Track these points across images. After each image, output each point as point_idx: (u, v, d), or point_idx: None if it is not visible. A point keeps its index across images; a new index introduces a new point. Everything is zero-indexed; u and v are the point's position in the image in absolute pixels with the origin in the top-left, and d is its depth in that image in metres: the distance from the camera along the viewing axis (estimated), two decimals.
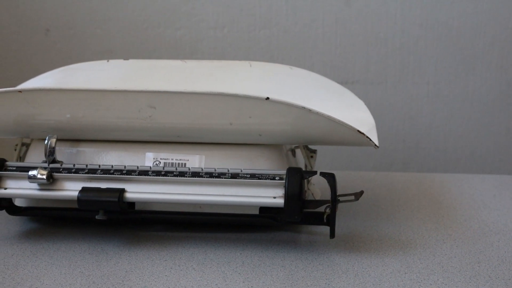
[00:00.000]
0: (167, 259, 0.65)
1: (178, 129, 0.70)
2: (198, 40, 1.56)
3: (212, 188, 0.67)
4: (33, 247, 0.68)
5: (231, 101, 0.65)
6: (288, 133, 0.69)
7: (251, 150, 0.72)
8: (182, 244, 0.69)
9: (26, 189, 0.68)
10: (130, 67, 0.89)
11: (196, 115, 0.68)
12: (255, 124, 0.68)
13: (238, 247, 0.68)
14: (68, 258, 0.65)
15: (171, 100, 0.66)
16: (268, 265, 0.64)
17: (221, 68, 0.89)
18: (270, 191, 0.66)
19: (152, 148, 0.73)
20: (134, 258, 0.65)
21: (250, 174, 0.67)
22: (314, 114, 0.65)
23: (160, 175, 0.67)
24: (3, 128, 0.73)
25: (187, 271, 0.62)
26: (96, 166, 0.69)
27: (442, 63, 1.53)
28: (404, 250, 0.67)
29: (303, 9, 1.52)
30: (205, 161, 0.72)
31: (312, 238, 0.71)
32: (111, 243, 0.69)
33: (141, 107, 0.67)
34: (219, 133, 0.70)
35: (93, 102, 0.67)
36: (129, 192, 0.67)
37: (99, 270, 0.63)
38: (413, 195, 0.85)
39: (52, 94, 0.67)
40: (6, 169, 0.69)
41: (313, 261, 0.65)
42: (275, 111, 0.66)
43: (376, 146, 0.68)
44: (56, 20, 1.58)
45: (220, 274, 0.62)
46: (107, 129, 0.71)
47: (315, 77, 0.89)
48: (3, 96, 0.67)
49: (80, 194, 0.66)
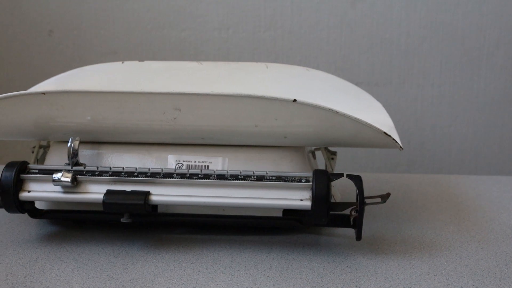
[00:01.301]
0: (193, 262, 0.65)
1: (202, 132, 0.70)
2: (203, 41, 1.56)
3: (237, 190, 0.66)
4: (56, 250, 0.67)
5: (258, 103, 0.65)
6: (313, 135, 0.69)
7: (274, 152, 0.72)
8: (207, 246, 0.69)
9: (50, 192, 0.67)
10: (147, 68, 0.88)
11: (222, 117, 0.67)
12: (281, 126, 0.68)
13: (263, 249, 0.68)
14: (94, 261, 0.65)
15: (197, 102, 0.66)
16: (295, 267, 0.64)
17: (238, 69, 0.89)
18: (297, 193, 0.66)
19: (174, 151, 0.72)
20: (160, 261, 0.65)
21: (275, 176, 0.67)
22: (341, 116, 0.65)
23: (185, 177, 0.67)
24: (22, 130, 0.72)
25: (216, 274, 0.62)
26: (120, 169, 0.68)
27: (447, 64, 1.54)
28: (430, 252, 0.67)
29: (308, 11, 1.52)
30: (228, 163, 0.71)
31: (335, 240, 0.71)
32: (134, 246, 0.69)
33: (166, 109, 0.67)
34: (243, 135, 0.70)
35: (118, 104, 0.67)
36: (154, 194, 0.66)
37: (127, 273, 0.62)
38: (431, 197, 0.85)
39: (76, 96, 0.66)
40: (28, 172, 0.68)
41: (341, 264, 0.65)
42: (301, 113, 0.66)
43: (401, 148, 0.68)
44: (59, 21, 1.57)
45: (249, 277, 0.62)
46: (130, 131, 0.70)
47: (332, 79, 0.89)
48: (26, 98, 0.67)
49: (105, 197, 0.65)
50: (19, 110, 0.68)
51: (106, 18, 1.55)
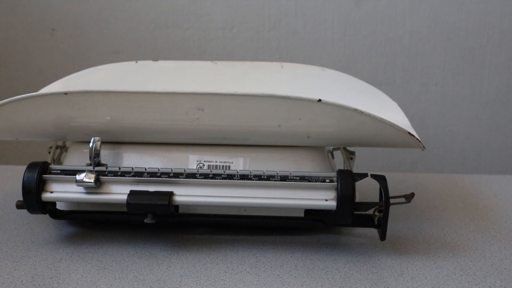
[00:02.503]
0: (218, 263, 0.65)
1: (225, 132, 0.69)
2: (207, 40, 1.56)
3: (261, 191, 0.66)
4: (79, 251, 0.67)
5: (282, 103, 0.65)
6: (336, 134, 0.69)
7: (296, 152, 0.72)
8: (230, 247, 0.68)
9: (73, 193, 0.66)
10: (161, 68, 0.88)
11: (245, 117, 0.67)
12: (304, 126, 0.67)
13: (286, 250, 0.68)
14: (118, 262, 0.64)
15: (221, 102, 0.66)
16: (321, 268, 0.64)
17: (253, 69, 0.89)
18: (321, 193, 0.66)
19: (195, 151, 0.72)
20: (185, 261, 0.65)
21: (299, 176, 0.67)
22: (366, 116, 0.65)
23: (208, 177, 0.67)
24: (42, 130, 0.71)
25: (242, 275, 0.62)
26: (142, 169, 0.68)
27: (450, 64, 1.54)
28: (453, 252, 0.67)
29: (312, 10, 1.52)
30: (249, 163, 0.71)
31: (356, 240, 0.71)
32: (157, 246, 0.68)
33: (189, 109, 0.66)
34: (266, 135, 0.69)
35: (141, 104, 0.66)
36: (178, 195, 0.66)
37: (153, 274, 0.62)
38: (447, 196, 0.85)
39: (99, 96, 0.66)
40: (50, 173, 0.67)
41: (366, 264, 0.64)
42: (326, 113, 0.66)
43: (423, 148, 0.68)
44: (62, 20, 1.56)
45: (276, 277, 0.61)
46: (151, 131, 0.70)
47: (347, 78, 0.89)
48: (47, 98, 0.66)
49: (129, 197, 0.65)
50: (39, 111, 0.68)
51: (109, 17, 1.55)
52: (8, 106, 0.67)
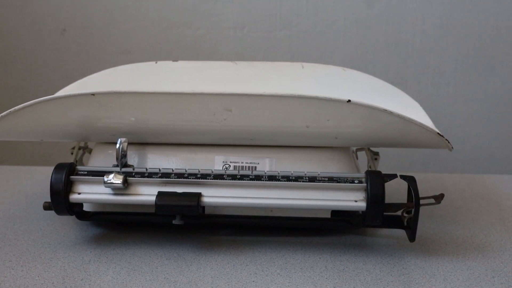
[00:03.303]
0: (248, 264, 0.64)
1: (252, 132, 0.69)
2: (218, 40, 1.55)
3: (289, 192, 0.66)
4: (107, 252, 0.67)
5: (312, 103, 0.64)
6: (363, 135, 0.69)
7: (322, 153, 0.72)
8: (257, 248, 0.68)
9: (101, 194, 0.66)
10: (182, 68, 0.88)
11: (273, 117, 0.67)
12: (332, 127, 0.67)
13: (314, 251, 0.68)
14: (148, 264, 0.64)
15: (249, 102, 0.65)
16: (352, 269, 0.63)
17: (273, 69, 0.88)
18: (351, 194, 0.65)
19: (221, 151, 0.72)
20: (214, 263, 0.64)
21: (327, 177, 0.66)
22: (395, 116, 0.65)
23: (235, 178, 0.66)
24: (67, 131, 0.71)
25: (273, 277, 0.61)
26: (170, 170, 0.67)
27: (462, 64, 1.54)
28: (483, 253, 0.67)
29: (324, 10, 1.52)
30: (275, 164, 0.71)
31: (383, 241, 0.70)
32: (184, 248, 0.68)
33: (217, 110, 0.66)
34: (294, 136, 0.69)
35: (168, 104, 0.66)
36: (206, 196, 0.66)
37: (183, 276, 0.61)
38: (470, 197, 0.85)
39: (126, 97, 0.65)
40: (77, 174, 0.67)
41: (396, 265, 0.64)
42: (355, 113, 0.65)
43: (451, 148, 0.68)
44: (72, 20, 1.56)
45: (307, 279, 0.61)
46: (178, 132, 0.70)
47: (368, 78, 0.89)
48: (75, 99, 0.66)
49: (158, 199, 0.65)
50: (66, 112, 0.67)
51: (119, 17, 1.54)
52: (35, 107, 0.66)
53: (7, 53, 1.57)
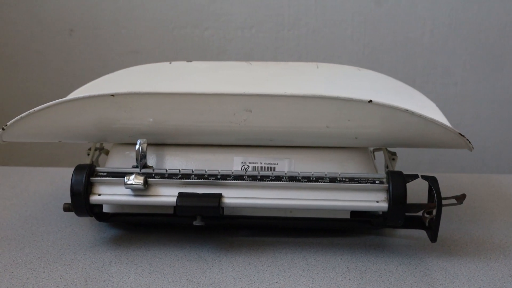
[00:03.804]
0: (269, 265, 0.64)
1: (272, 133, 0.69)
2: (226, 40, 1.55)
3: (310, 192, 0.66)
4: (127, 254, 0.66)
5: (333, 103, 0.64)
6: (383, 135, 0.68)
7: (341, 153, 0.71)
8: (278, 249, 0.68)
9: (121, 195, 0.66)
10: (196, 69, 0.87)
11: (293, 118, 0.66)
12: (353, 127, 0.67)
13: (335, 252, 0.67)
14: (169, 265, 0.64)
15: (270, 103, 0.65)
16: (374, 270, 0.63)
17: (288, 69, 0.88)
18: (372, 195, 0.65)
19: (239, 152, 0.72)
20: (235, 264, 0.64)
21: (348, 178, 0.66)
22: (417, 116, 0.64)
23: (256, 179, 0.66)
24: (84, 133, 0.71)
25: (296, 278, 0.61)
26: (189, 171, 0.67)
27: (470, 63, 1.54)
28: (505, 254, 0.67)
29: (332, 9, 1.51)
30: (294, 164, 0.70)
31: (403, 241, 0.70)
32: (204, 249, 0.68)
33: (237, 111, 0.66)
34: (314, 137, 0.69)
35: (189, 105, 0.66)
36: (226, 197, 0.65)
37: (206, 277, 0.61)
38: (486, 197, 0.85)
39: (147, 97, 0.65)
40: (97, 175, 0.67)
41: (418, 266, 0.64)
42: (376, 113, 0.65)
43: (472, 148, 0.68)
44: (80, 20, 1.55)
45: (330, 280, 0.61)
46: (197, 133, 0.70)
47: (384, 78, 0.88)
48: (94, 100, 0.66)
49: (178, 200, 0.64)
50: (85, 112, 0.67)
51: (127, 17, 1.54)
52: (54, 109, 0.66)
53: (15, 54, 1.57)
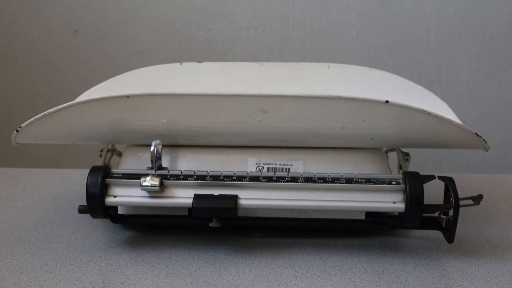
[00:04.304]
0: (286, 267, 0.64)
1: (287, 134, 0.69)
2: (231, 40, 1.55)
3: (326, 193, 0.65)
4: (142, 256, 0.66)
5: (349, 104, 0.64)
6: (399, 136, 0.68)
7: (355, 154, 0.71)
8: (293, 250, 0.68)
9: (137, 197, 0.66)
10: (207, 70, 0.87)
11: (309, 119, 0.66)
12: (368, 128, 0.67)
13: (351, 253, 0.67)
14: (185, 267, 0.63)
15: (285, 104, 0.65)
16: (392, 271, 0.63)
17: (300, 70, 0.88)
18: (389, 196, 0.65)
19: (254, 153, 0.71)
20: (252, 266, 0.64)
21: (364, 178, 0.66)
22: (433, 117, 0.64)
23: (272, 180, 0.66)
24: (98, 134, 0.70)
25: (314, 279, 0.61)
26: (205, 172, 0.67)
27: (476, 63, 1.54)
28: None
29: (337, 10, 1.51)
30: (309, 165, 0.70)
31: (419, 242, 0.70)
32: (220, 250, 0.67)
33: (252, 112, 0.66)
34: (329, 138, 0.69)
35: (204, 106, 0.66)
36: (243, 198, 0.65)
37: (223, 279, 0.61)
38: (498, 197, 0.85)
39: (162, 99, 0.65)
40: (112, 177, 0.67)
41: (436, 267, 0.64)
42: (392, 114, 0.65)
43: (488, 148, 0.68)
44: (84, 21, 1.55)
45: (348, 281, 0.61)
46: (212, 134, 0.69)
47: (395, 78, 0.88)
48: (109, 102, 0.65)
49: (195, 201, 0.64)
50: (99, 114, 0.67)
51: (132, 18, 1.54)
52: (68, 110, 0.66)
53: (20, 55, 1.56)
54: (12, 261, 0.65)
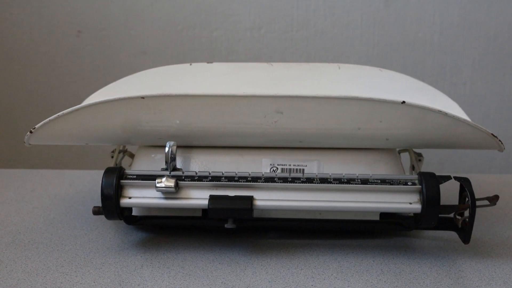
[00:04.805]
0: (302, 268, 0.64)
1: (303, 135, 0.68)
2: (235, 41, 1.55)
3: (342, 194, 0.65)
4: (157, 257, 0.66)
5: (365, 105, 0.64)
6: (414, 136, 0.68)
7: (369, 154, 0.71)
8: (308, 251, 0.67)
9: (152, 198, 0.65)
10: (218, 70, 0.87)
11: (325, 120, 0.66)
12: (384, 129, 0.67)
13: (366, 254, 0.67)
14: (201, 268, 0.63)
15: (302, 104, 0.65)
16: (408, 272, 0.63)
17: (310, 71, 0.88)
18: (405, 196, 0.65)
19: (268, 154, 0.71)
20: (268, 267, 0.64)
21: (380, 179, 0.66)
22: (450, 117, 0.64)
23: (287, 181, 0.66)
24: (112, 135, 0.70)
25: (331, 280, 0.61)
26: (219, 173, 0.67)
27: (480, 63, 1.54)
28: None
29: (341, 10, 1.51)
30: (323, 166, 0.70)
31: (433, 243, 0.70)
32: (235, 252, 0.67)
33: (268, 112, 0.65)
34: (344, 138, 0.69)
35: (219, 107, 0.65)
36: (258, 199, 0.65)
37: (240, 280, 0.61)
38: (510, 198, 0.85)
39: (177, 100, 0.65)
40: (126, 178, 0.66)
41: (452, 268, 0.64)
42: (408, 114, 0.65)
43: (503, 149, 0.68)
44: (88, 22, 1.55)
45: (365, 283, 0.60)
46: (226, 135, 0.69)
47: (406, 79, 0.88)
48: (123, 103, 0.65)
49: (210, 202, 0.64)
50: (114, 115, 0.67)
51: (135, 18, 1.53)
52: (83, 111, 0.66)
53: (22, 55, 1.56)
54: (27, 262, 0.64)
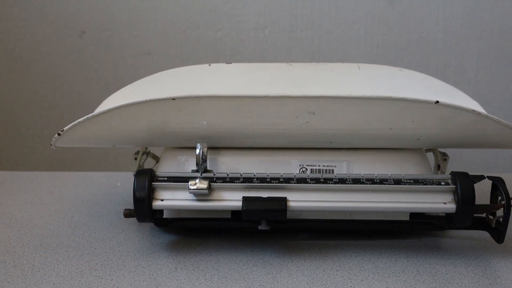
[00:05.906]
0: (338, 269, 0.63)
1: (333, 135, 0.68)
2: (239, 41, 1.54)
3: (374, 194, 0.65)
4: (190, 259, 0.65)
5: (397, 104, 0.64)
6: (445, 136, 0.68)
7: (398, 154, 0.71)
8: (341, 252, 0.67)
9: (184, 200, 0.65)
10: (238, 71, 0.86)
11: (357, 120, 0.66)
12: (416, 129, 0.66)
13: (399, 254, 0.67)
14: (236, 271, 0.63)
15: (334, 105, 0.64)
16: (444, 273, 0.63)
17: (331, 71, 0.87)
18: (439, 196, 0.65)
19: (296, 155, 0.71)
20: (303, 268, 0.63)
21: (413, 179, 0.65)
22: (483, 117, 0.64)
23: (319, 182, 0.65)
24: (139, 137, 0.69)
25: (369, 282, 0.61)
26: (251, 175, 0.66)
27: (484, 62, 1.54)
28: None
29: (345, 10, 1.51)
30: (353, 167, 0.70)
31: (464, 243, 0.70)
32: (267, 253, 0.67)
33: (300, 113, 0.65)
34: (375, 139, 0.68)
35: (250, 108, 0.65)
36: (292, 200, 0.64)
37: (278, 282, 0.60)
38: None
39: (207, 100, 0.64)
40: (157, 180, 0.66)
41: (487, 268, 0.64)
42: (440, 114, 0.65)
43: None
44: (91, 22, 1.53)
45: (404, 283, 0.60)
46: (256, 136, 0.68)
47: (427, 78, 0.88)
48: (154, 104, 0.64)
49: (244, 204, 0.63)
50: (143, 117, 0.66)
51: (139, 18, 1.52)
52: (112, 113, 0.65)
53: (26, 56, 1.54)
54: (59, 266, 0.63)
